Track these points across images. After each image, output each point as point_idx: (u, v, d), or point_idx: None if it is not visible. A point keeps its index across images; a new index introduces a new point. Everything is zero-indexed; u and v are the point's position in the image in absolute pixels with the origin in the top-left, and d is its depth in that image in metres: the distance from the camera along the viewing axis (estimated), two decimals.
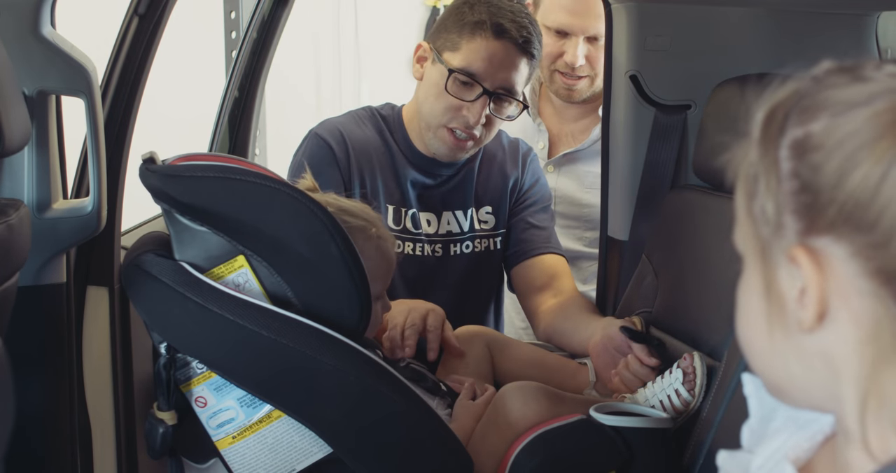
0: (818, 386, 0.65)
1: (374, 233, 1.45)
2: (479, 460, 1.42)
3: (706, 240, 1.66)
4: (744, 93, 1.65)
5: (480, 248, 1.97)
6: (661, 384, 1.54)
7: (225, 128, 2.27)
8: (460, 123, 1.83)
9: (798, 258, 0.62)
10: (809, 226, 0.62)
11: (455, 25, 1.82)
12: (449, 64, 1.81)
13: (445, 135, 1.85)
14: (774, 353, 0.67)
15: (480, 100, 1.81)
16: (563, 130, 2.33)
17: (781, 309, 0.65)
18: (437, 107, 1.84)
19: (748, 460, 0.79)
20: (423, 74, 1.88)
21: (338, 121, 1.93)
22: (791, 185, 0.62)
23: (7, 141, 1.15)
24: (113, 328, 1.50)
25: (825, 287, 0.61)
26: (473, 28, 1.80)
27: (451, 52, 1.82)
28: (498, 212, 1.99)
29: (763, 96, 0.66)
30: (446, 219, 1.94)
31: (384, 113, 1.96)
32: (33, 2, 1.29)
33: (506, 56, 1.80)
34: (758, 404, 0.81)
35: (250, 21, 2.23)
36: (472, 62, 1.80)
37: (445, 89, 1.81)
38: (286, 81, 3.49)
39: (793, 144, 0.63)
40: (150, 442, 1.39)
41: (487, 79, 1.80)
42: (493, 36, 1.79)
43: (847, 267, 0.61)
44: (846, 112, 0.61)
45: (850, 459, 0.66)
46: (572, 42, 2.18)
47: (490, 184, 1.98)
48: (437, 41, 1.86)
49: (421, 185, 1.93)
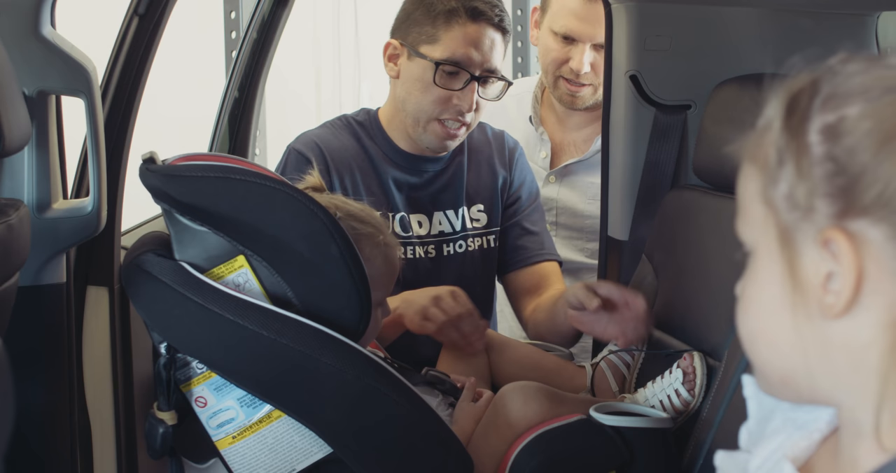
0: (830, 376, 0.65)
1: (381, 241, 1.45)
2: (479, 460, 1.42)
3: (706, 240, 1.66)
4: (744, 93, 1.65)
5: (474, 247, 1.96)
6: (661, 384, 1.54)
7: (225, 128, 2.27)
8: (452, 113, 1.83)
9: (834, 240, 0.62)
10: (845, 208, 0.62)
11: (426, 17, 1.82)
12: (431, 56, 1.80)
13: (437, 128, 1.85)
14: (794, 343, 0.66)
15: (469, 86, 1.81)
16: (565, 139, 2.31)
17: (804, 296, 0.64)
18: (426, 101, 1.83)
19: (746, 460, 0.79)
20: (399, 72, 1.87)
21: (314, 134, 1.91)
22: (824, 169, 0.62)
23: (7, 141, 1.15)
24: (113, 328, 1.50)
25: (861, 270, 0.61)
26: (448, 16, 1.80)
27: (428, 44, 1.81)
28: (490, 210, 1.98)
29: (777, 86, 0.66)
30: (438, 219, 1.93)
31: (360, 119, 1.95)
32: (33, 2, 1.29)
33: (486, 38, 1.81)
34: (756, 406, 0.81)
35: (250, 21, 2.23)
36: (456, 50, 1.80)
37: (434, 82, 1.80)
38: (286, 82, 3.49)
39: (824, 128, 0.63)
40: (150, 442, 1.39)
41: (473, 64, 1.80)
42: (470, 21, 1.80)
43: (883, 250, 0.61)
44: (883, 96, 0.62)
45: (858, 455, 0.65)
46: (578, 48, 2.16)
47: (480, 181, 1.97)
48: (408, 36, 1.85)
49: (408, 186, 1.92)
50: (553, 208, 2.26)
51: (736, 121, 0.67)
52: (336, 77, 4.17)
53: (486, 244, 1.98)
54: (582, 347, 2.03)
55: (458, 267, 1.95)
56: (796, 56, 0.66)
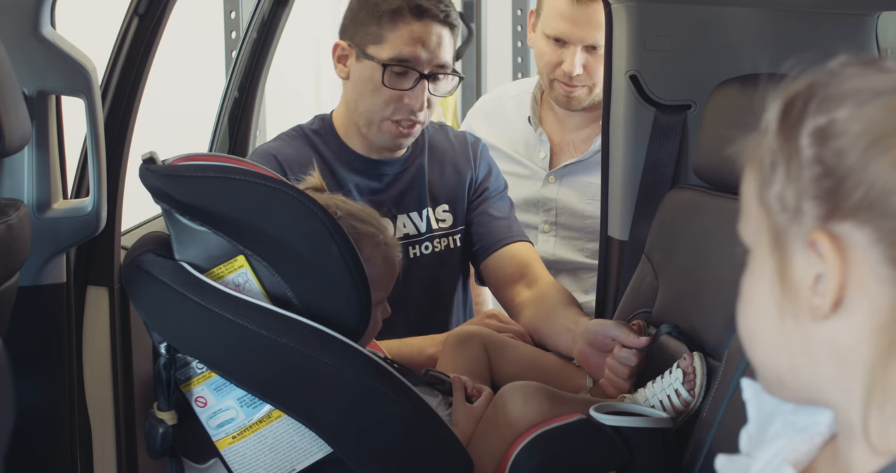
0: (822, 378, 0.65)
1: (381, 241, 1.45)
2: (478, 460, 1.42)
3: (706, 240, 1.66)
4: (744, 93, 1.65)
5: (440, 248, 1.94)
6: (661, 384, 1.54)
7: (225, 128, 2.28)
8: (404, 113, 1.80)
9: (819, 242, 0.62)
10: (831, 211, 0.62)
11: (371, 17, 1.79)
12: (378, 57, 1.78)
13: (390, 127, 1.82)
14: (781, 343, 0.67)
15: (419, 85, 1.78)
16: (564, 140, 2.31)
17: (793, 297, 0.65)
18: (376, 102, 1.81)
19: (747, 464, 0.79)
20: (349, 73, 1.85)
21: (269, 147, 1.89)
22: (813, 171, 0.63)
23: (7, 141, 1.16)
24: (113, 328, 1.51)
25: (845, 272, 0.62)
26: (393, 15, 1.77)
27: (375, 44, 1.79)
28: (455, 209, 1.96)
29: (776, 89, 0.66)
30: (401, 221, 1.91)
31: (314, 127, 1.93)
32: (33, 2, 1.29)
33: (432, 35, 1.78)
34: (756, 409, 0.81)
35: (250, 21, 2.23)
36: (402, 50, 1.77)
37: (383, 83, 1.78)
38: (286, 81, 3.49)
39: (815, 132, 0.63)
40: (150, 442, 1.39)
41: (421, 62, 1.78)
42: (414, 19, 1.77)
43: (868, 253, 0.61)
44: (872, 100, 0.62)
45: (852, 458, 0.65)
46: (570, 51, 2.16)
47: (444, 181, 1.95)
48: (355, 37, 1.82)
49: (369, 190, 1.89)
50: (553, 208, 2.26)
51: (736, 122, 0.67)
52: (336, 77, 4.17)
53: (453, 243, 1.96)
54: None
55: (427, 269, 1.93)
56: (797, 58, 0.66)
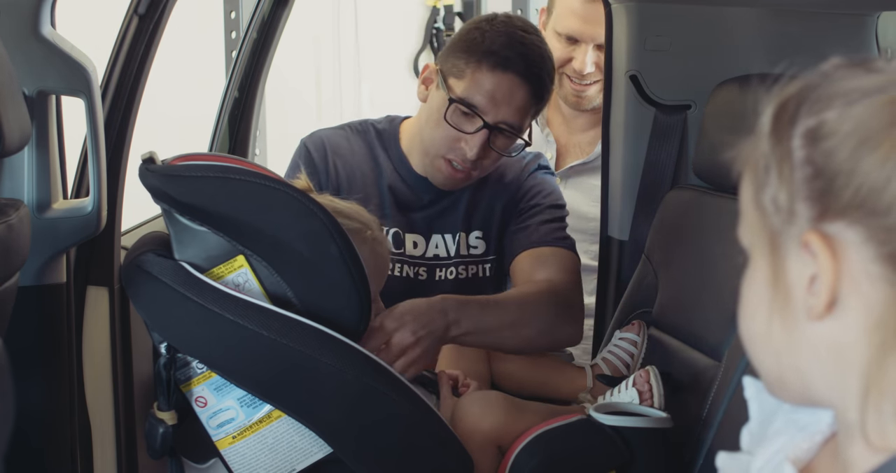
0: (821, 377, 0.66)
1: (369, 236, 1.45)
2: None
3: (706, 240, 1.66)
4: (744, 93, 1.65)
5: (466, 275, 1.85)
6: (619, 398, 1.52)
7: (225, 128, 2.28)
8: (458, 155, 1.71)
9: (811, 243, 0.62)
10: (823, 211, 0.62)
11: (463, 51, 1.70)
12: (452, 91, 1.69)
13: (442, 166, 1.74)
14: (780, 344, 0.67)
15: (480, 133, 1.68)
16: (571, 141, 2.31)
17: (789, 298, 0.65)
18: (436, 135, 1.72)
19: (748, 461, 0.79)
20: (428, 97, 1.77)
21: (324, 133, 1.86)
22: (804, 173, 0.63)
23: (7, 141, 1.16)
24: (113, 328, 1.51)
25: (838, 272, 0.62)
26: (481, 57, 1.67)
27: (455, 78, 1.70)
28: (489, 237, 1.85)
29: (771, 92, 0.67)
30: (434, 242, 1.85)
31: (380, 127, 1.87)
32: (33, 2, 1.29)
33: (510, 91, 1.68)
34: (758, 407, 0.81)
35: (250, 21, 2.23)
36: (475, 93, 1.68)
37: (445, 118, 1.69)
38: (286, 81, 3.49)
39: (806, 133, 0.64)
40: (150, 442, 1.39)
41: (489, 112, 1.68)
42: (500, 68, 1.67)
43: (860, 252, 0.61)
44: (860, 100, 0.62)
45: (851, 457, 0.66)
46: (581, 49, 2.16)
47: (483, 207, 1.85)
48: (444, 64, 1.73)
49: (408, 204, 1.83)
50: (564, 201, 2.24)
51: (736, 122, 0.67)
52: (336, 77, 4.17)
53: (482, 272, 1.87)
54: (583, 348, 2.02)
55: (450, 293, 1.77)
56: (793, 61, 0.67)
